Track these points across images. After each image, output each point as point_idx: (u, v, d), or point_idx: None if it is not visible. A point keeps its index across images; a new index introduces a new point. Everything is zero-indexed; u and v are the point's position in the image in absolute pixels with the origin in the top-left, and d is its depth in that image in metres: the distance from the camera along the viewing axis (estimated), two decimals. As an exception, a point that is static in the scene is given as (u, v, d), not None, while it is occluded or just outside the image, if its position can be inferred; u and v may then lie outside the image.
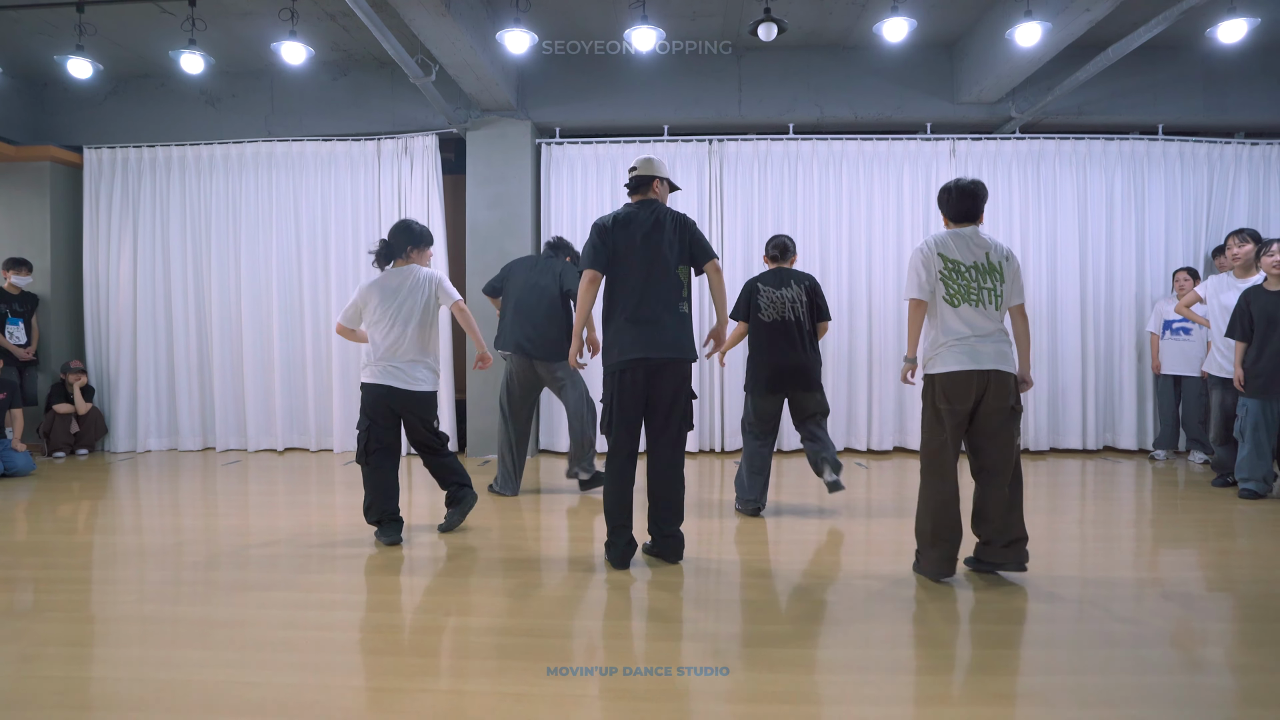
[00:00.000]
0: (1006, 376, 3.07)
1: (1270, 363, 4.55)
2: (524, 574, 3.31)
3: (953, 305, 3.10)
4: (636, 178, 3.47)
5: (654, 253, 3.29)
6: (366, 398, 3.69)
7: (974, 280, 3.09)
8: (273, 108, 6.68)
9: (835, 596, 3.03)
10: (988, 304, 3.09)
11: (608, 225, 3.36)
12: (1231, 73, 6.21)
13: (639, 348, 3.26)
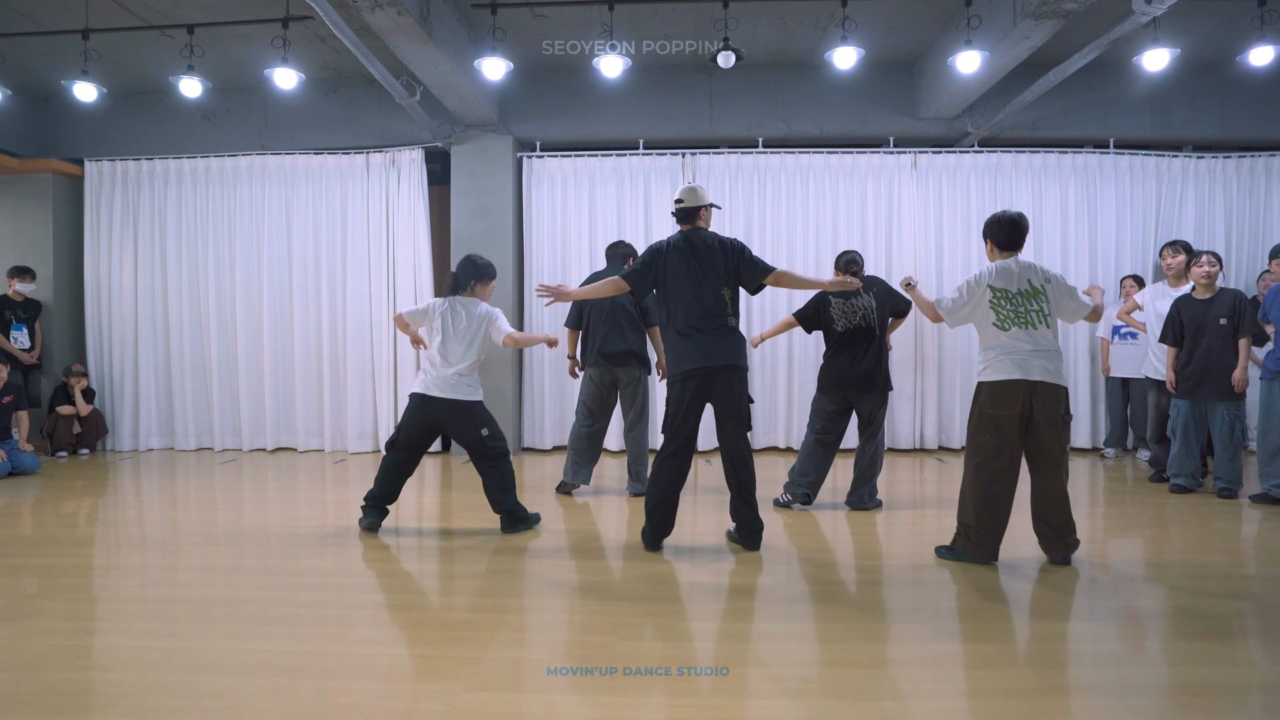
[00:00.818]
0: (1055, 389, 3.36)
1: (1198, 366, 4.88)
2: (512, 560, 3.62)
3: (1004, 329, 3.41)
4: (684, 209, 3.77)
5: (702, 276, 3.62)
6: (409, 404, 4.05)
7: (1021, 305, 3.40)
8: (266, 122, 6.98)
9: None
10: (1037, 325, 3.39)
11: (661, 250, 3.70)
12: (1175, 90, 6.55)
13: (695, 359, 3.60)
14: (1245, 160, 6.75)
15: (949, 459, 6.44)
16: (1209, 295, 4.90)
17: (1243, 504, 4.74)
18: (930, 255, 6.71)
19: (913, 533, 4.15)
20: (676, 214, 3.78)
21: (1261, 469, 4.76)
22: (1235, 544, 3.98)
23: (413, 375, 6.78)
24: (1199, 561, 3.58)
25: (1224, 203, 6.74)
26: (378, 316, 6.84)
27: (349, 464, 6.40)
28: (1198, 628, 2.77)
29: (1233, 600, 3.07)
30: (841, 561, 3.62)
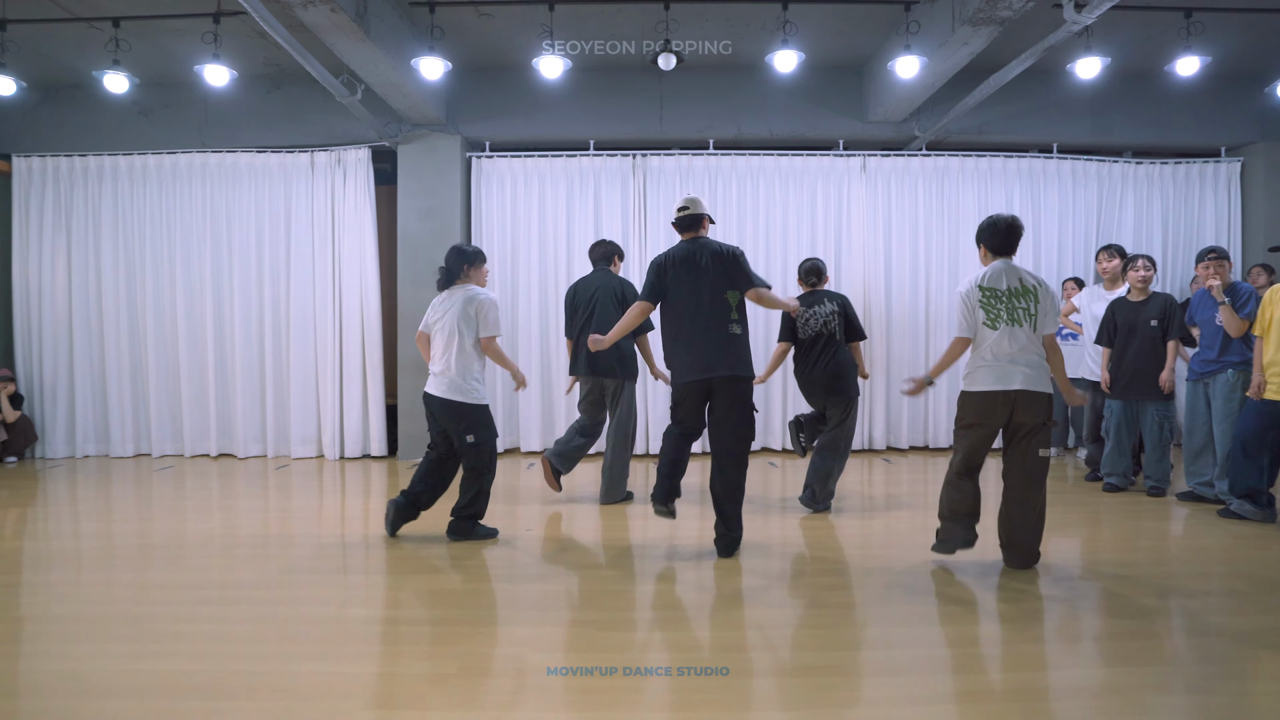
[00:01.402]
0: (1035, 395, 3.37)
1: (1130, 367, 4.98)
2: (428, 570, 3.56)
3: (993, 328, 3.42)
4: (687, 217, 3.83)
5: (701, 283, 3.67)
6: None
7: (1008, 301, 3.43)
8: (206, 119, 6.81)
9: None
10: (1023, 323, 3.41)
11: (663, 264, 3.76)
12: (1115, 98, 6.68)
13: (694, 370, 3.65)
14: (1181, 166, 6.91)
15: (896, 459, 6.50)
16: (1142, 298, 4.99)
17: (1170, 502, 4.85)
18: (879, 257, 6.77)
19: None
20: (679, 222, 3.85)
21: (1187, 468, 4.86)
22: (1163, 542, 4.06)
23: (359, 380, 6.67)
24: (1129, 560, 3.65)
25: (1161, 207, 6.89)
26: (322, 319, 6.71)
27: (291, 470, 6.27)
28: (1126, 628, 2.81)
29: (1158, 598, 3.12)
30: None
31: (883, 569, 3.53)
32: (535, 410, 6.76)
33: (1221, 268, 4.64)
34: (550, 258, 6.77)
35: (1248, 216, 6.91)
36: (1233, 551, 3.79)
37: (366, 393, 6.71)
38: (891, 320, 6.76)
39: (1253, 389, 4.29)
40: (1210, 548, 3.88)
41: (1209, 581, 3.33)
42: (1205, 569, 3.52)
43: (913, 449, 6.87)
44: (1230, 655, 2.57)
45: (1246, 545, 3.89)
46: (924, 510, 4.71)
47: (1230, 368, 4.58)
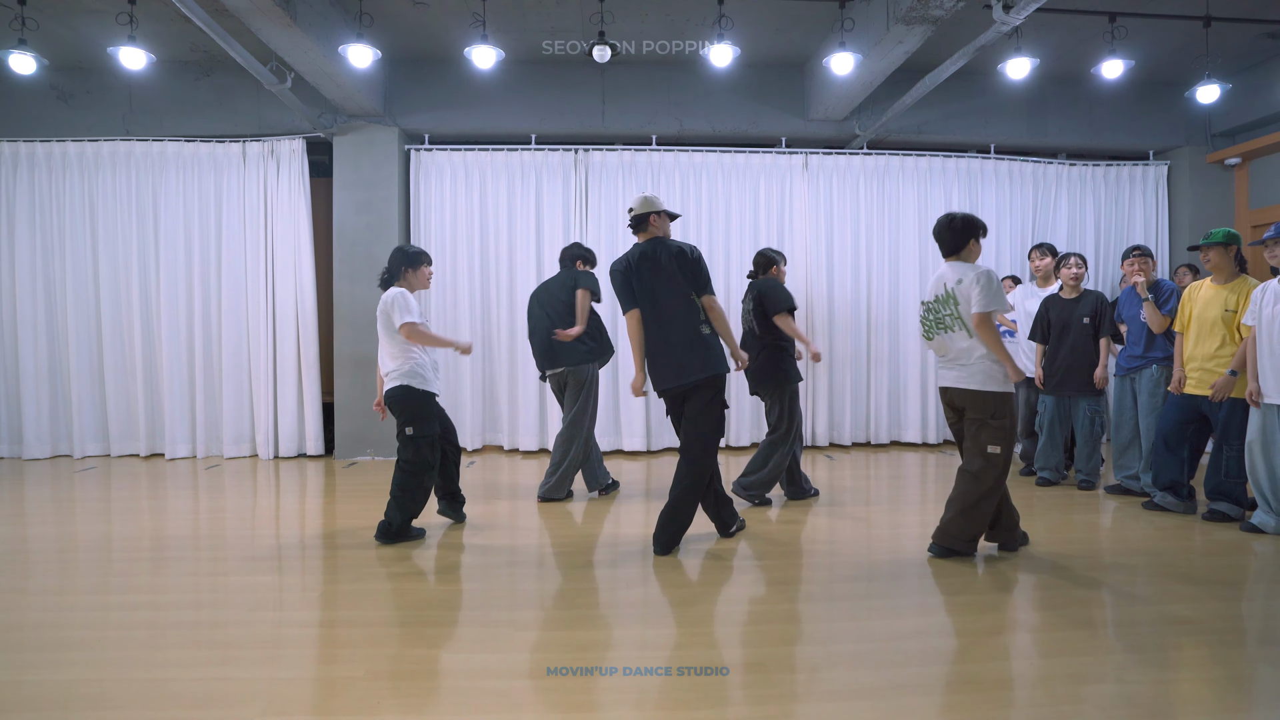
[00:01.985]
0: (965, 393, 3.47)
1: (1063, 363, 5.08)
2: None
3: (928, 339, 3.62)
4: (635, 217, 3.75)
5: (661, 286, 3.60)
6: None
7: (936, 311, 3.53)
8: (131, 106, 6.53)
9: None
10: (952, 328, 3.47)
11: (620, 269, 3.69)
12: (1049, 100, 6.83)
13: (663, 379, 3.64)
14: (1112, 168, 7.11)
15: (838, 455, 6.54)
16: (1075, 296, 5.10)
17: (1100, 495, 4.96)
18: (821, 254, 6.81)
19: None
20: (631, 225, 3.79)
21: (1115, 461, 4.98)
22: (1092, 534, 4.13)
23: (293, 375, 6.47)
24: (1061, 551, 3.70)
25: (1094, 208, 7.08)
26: (255, 314, 6.49)
27: (223, 470, 6.05)
28: (1058, 619, 2.84)
29: (1087, 589, 3.17)
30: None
31: (823, 563, 3.52)
32: (478, 408, 6.65)
33: (1146, 265, 4.77)
34: (491, 253, 6.66)
35: (1174, 217, 7.14)
36: (1156, 542, 3.88)
37: (302, 390, 6.51)
38: (834, 317, 6.81)
39: (1173, 383, 4.41)
40: (1135, 539, 3.97)
41: (1135, 573, 3.40)
42: (1131, 560, 3.59)
43: (855, 445, 6.93)
44: (1154, 644, 2.61)
45: (1168, 536, 3.99)
46: (865, 505, 4.74)
47: (1155, 363, 4.71)
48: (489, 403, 6.71)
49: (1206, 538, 3.96)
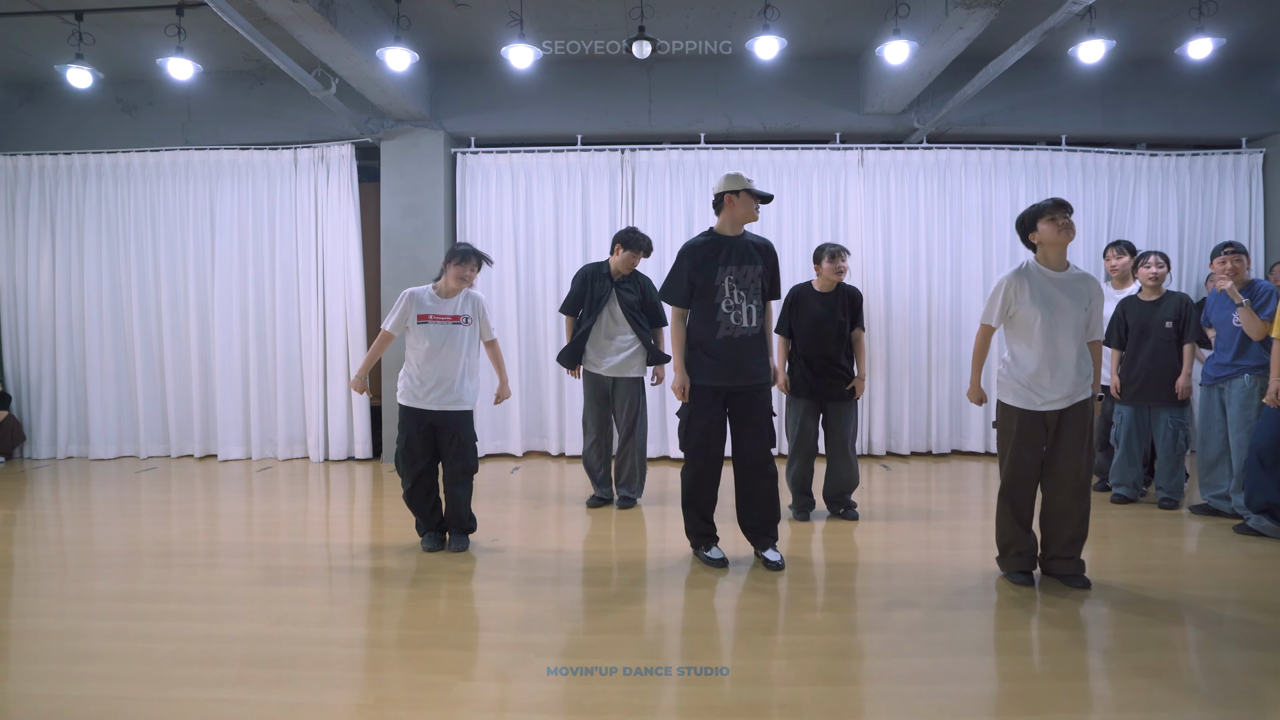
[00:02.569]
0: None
1: (1142, 371, 4.67)
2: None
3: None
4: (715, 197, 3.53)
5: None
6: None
7: None
8: (190, 116, 6.70)
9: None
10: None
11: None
12: (1127, 87, 6.35)
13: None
14: (1199, 158, 6.57)
15: (896, 465, 6.23)
16: (1155, 297, 4.69)
17: (1184, 515, 4.55)
18: (877, 254, 6.50)
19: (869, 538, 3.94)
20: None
21: (1201, 479, 4.56)
22: (1175, 561, 3.77)
23: (343, 379, 6.53)
24: (1137, 581, 3.36)
25: (1177, 202, 6.55)
26: (306, 318, 6.58)
27: (276, 471, 6.15)
28: (1134, 665, 2.55)
29: (1168, 625, 2.86)
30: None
31: (877, 587, 3.29)
32: (522, 414, 6.59)
33: (1239, 264, 4.34)
34: (537, 256, 6.58)
35: (1270, 211, 6.54)
36: (1250, 573, 3.50)
37: (351, 393, 6.56)
38: (891, 320, 6.49)
39: (1270, 395, 3.98)
40: (1225, 568, 3.59)
41: (1224, 607, 3.05)
42: (1220, 593, 3.24)
43: (914, 454, 6.59)
44: (1245, 696, 2.31)
45: (1264, 565, 3.60)
46: (925, 519, 4.46)
47: (1247, 372, 4.28)
48: (533, 408, 6.63)
49: (1309, 568, 3.56)
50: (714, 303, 3.40)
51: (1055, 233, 3.13)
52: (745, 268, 3.42)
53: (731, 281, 3.39)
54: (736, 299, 3.40)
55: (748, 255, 3.44)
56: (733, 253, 3.42)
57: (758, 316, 3.46)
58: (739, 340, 3.40)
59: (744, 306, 3.41)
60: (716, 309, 3.39)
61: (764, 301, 3.53)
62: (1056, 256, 3.18)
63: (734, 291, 3.39)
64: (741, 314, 3.40)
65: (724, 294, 3.39)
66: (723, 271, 3.40)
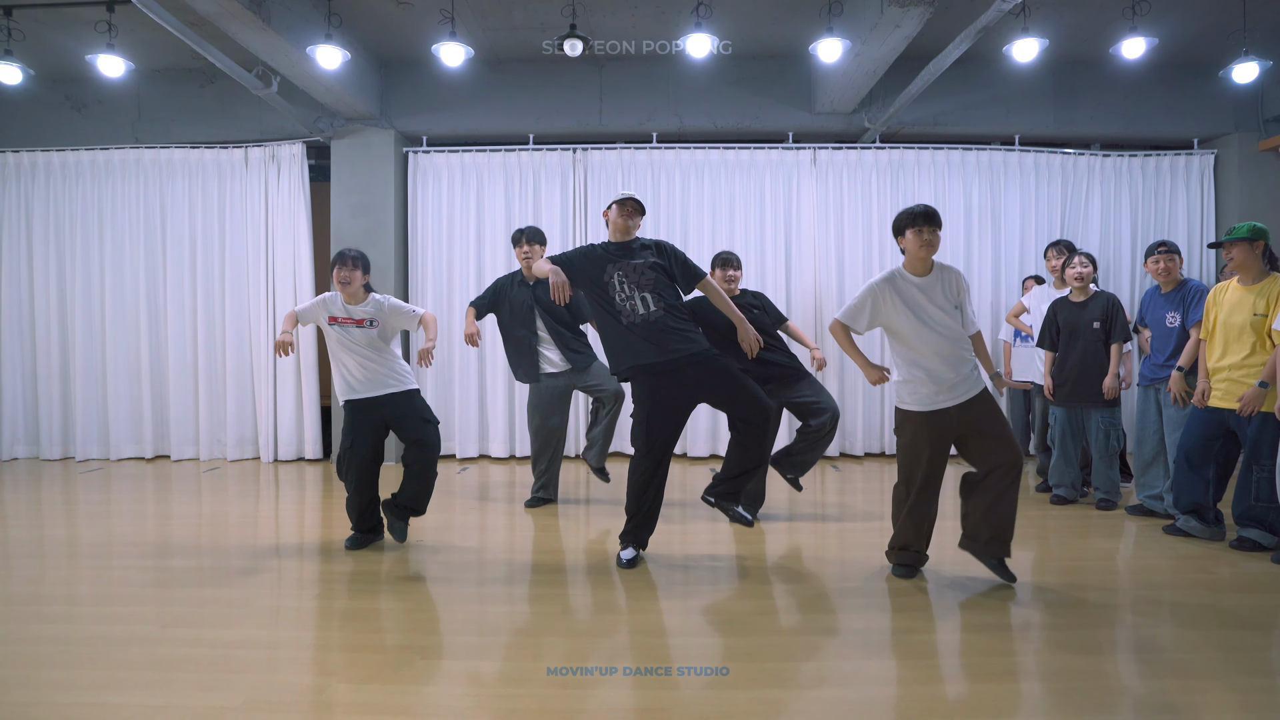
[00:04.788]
0: None
1: (1073, 372, 4.66)
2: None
3: None
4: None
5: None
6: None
7: None
8: (140, 115, 6.65)
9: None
10: None
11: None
12: (1078, 87, 6.36)
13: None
14: (1151, 159, 6.57)
15: (848, 466, 6.21)
16: (1083, 298, 4.68)
17: (1120, 515, 4.53)
18: (830, 253, 6.48)
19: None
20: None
21: (1137, 479, 4.55)
22: (1109, 562, 3.74)
23: (292, 379, 6.49)
24: (1072, 581, 3.35)
25: (1130, 202, 6.56)
26: (256, 317, 6.53)
27: (224, 472, 6.09)
28: (1065, 665, 2.52)
29: (1099, 629, 2.83)
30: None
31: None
32: (471, 417, 6.55)
33: (1172, 263, 4.35)
34: (488, 256, 6.54)
35: (1221, 211, 6.56)
36: (1177, 574, 3.48)
37: (300, 394, 6.52)
38: (844, 320, 6.46)
39: (1196, 395, 3.98)
40: (1155, 569, 3.56)
41: (1159, 610, 3.01)
42: (1152, 594, 3.20)
43: (868, 455, 6.58)
44: (1175, 700, 2.29)
45: (1191, 567, 3.57)
46: (881, 520, 4.44)
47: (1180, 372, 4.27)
48: (483, 411, 6.59)
49: (1234, 569, 3.53)
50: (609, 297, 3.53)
51: (918, 246, 3.20)
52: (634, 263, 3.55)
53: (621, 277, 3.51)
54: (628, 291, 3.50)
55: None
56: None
57: (654, 303, 3.48)
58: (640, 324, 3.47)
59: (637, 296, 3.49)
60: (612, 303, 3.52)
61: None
62: (920, 265, 3.25)
63: (624, 285, 3.50)
64: (636, 303, 3.48)
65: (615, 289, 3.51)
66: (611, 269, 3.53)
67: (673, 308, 3.50)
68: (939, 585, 3.29)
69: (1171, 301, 4.34)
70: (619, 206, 3.60)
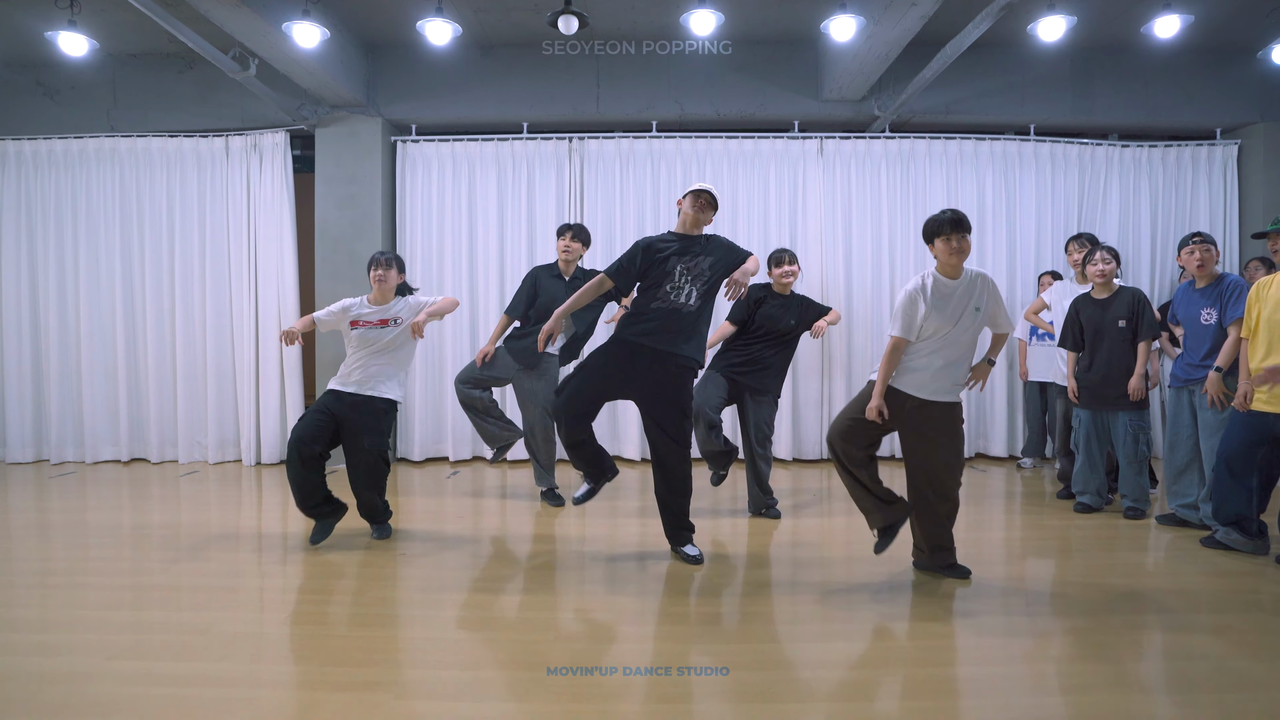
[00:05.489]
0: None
1: (1098, 372, 4.39)
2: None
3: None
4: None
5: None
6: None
7: None
8: (115, 101, 6.34)
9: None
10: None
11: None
12: (1097, 74, 6.08)
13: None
14: (1172, 149, 6.30)
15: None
16: (1106, 295, 4.41)
17: (1150, 525, 4.27)
18: (837, 247, 6.20)
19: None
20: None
21: (1169, 487, 4.28)
22: (1137, 580, 3.46)
23: (276, 379, 6.20)
24: (1097, 600, 3.07)
25: (1150, 194, 6.28)
26: (238, 314, 6.24)
27: (203, 476, 5.80)
28: (1091, 676, 2.26)
29: (1129, 660, 2.56)
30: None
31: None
32: (462, 416, 6.26)
33: (1208, 254, 4.07)
34: (480, 249, 6.25)
35: (1245, 204, 6.28)
36: (1217, 591, 3.21)
37: (284, 394, 6.23)
38: (853, 314, 6.19)
39: (1237, 398, 3.70)
40: (1192, 589, 3.29)
41: (1193, 637, 2.75)
42: (1187, 617, 2.94)
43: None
44: None
45: (1232, 583, 3.31)
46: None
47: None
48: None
49: (1279, 587, 3.27)
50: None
51: (948, 254, 3.16)
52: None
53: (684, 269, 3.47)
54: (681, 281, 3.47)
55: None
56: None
57: (695, 300, 3.47)
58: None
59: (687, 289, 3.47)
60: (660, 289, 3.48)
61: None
62: (952, 270, 3.21)
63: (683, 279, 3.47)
64: (682, 294, 3.45)
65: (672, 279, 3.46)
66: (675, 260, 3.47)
67: (704, 310, 3.49)
68: (962, 608, 3.02)
69: (1208, 297, 4.06)
70: (693, 198, 3.53)
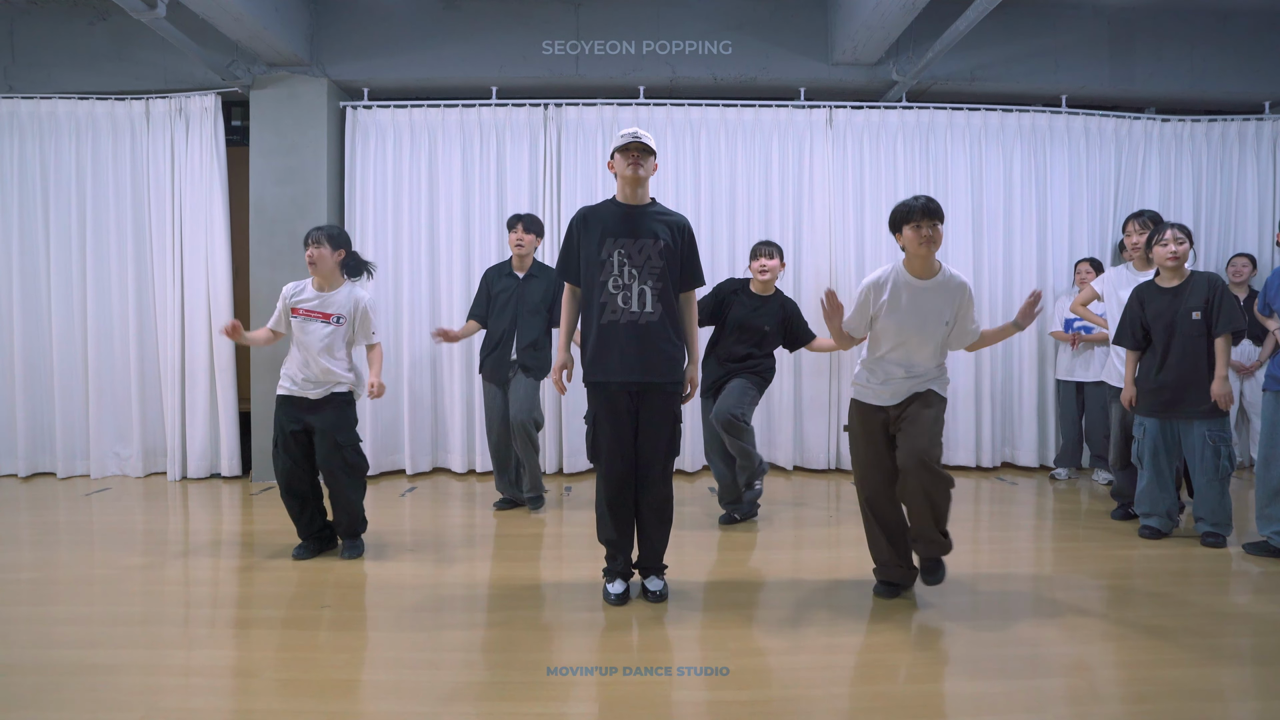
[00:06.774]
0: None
1: (1172, 374, 3.72)
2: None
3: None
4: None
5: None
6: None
7: None
8: (14, 58, 5.45)
9: None
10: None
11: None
12: (1138, 40, 5.44)
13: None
14: (1216, 124, 5.69)
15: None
16: (1177, 282, 3.75)
17: (1233, 555, 3.61)
18: (848, 229, 5.51)
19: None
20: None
21: (1260, 510, 3.61)
22: (1227, 622, 2.80)
23: (205, 379, 5.36)
24: (1159, 648, 2.39)
25: (1192, 172, 5.66)
26: (161, 306, 5.40)
27: (117, 492, 4.96)
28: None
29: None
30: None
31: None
32: (424, 424, 5.48)
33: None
34: (443, 231, 5.46)
35: (1296, 185, 5.69)
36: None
37: (215, 398, 5.39)
38: (865, 310, 5.49)
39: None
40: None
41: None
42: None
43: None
44: None
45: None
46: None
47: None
48: (438, 417, 5.52)
49: None
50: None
51: (917, 244, 2.79)
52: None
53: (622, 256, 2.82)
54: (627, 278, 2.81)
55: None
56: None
57: (652, 302, 2.85)
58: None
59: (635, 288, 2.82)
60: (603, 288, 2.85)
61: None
62: (920, 264, 2.84)
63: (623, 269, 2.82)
64: (632, 297, 2.83)
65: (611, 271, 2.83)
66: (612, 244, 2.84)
67: (670, 312, 2.87)
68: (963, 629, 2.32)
69: (1313, 283, 3.42)
70: (621, 154, 2.86)
